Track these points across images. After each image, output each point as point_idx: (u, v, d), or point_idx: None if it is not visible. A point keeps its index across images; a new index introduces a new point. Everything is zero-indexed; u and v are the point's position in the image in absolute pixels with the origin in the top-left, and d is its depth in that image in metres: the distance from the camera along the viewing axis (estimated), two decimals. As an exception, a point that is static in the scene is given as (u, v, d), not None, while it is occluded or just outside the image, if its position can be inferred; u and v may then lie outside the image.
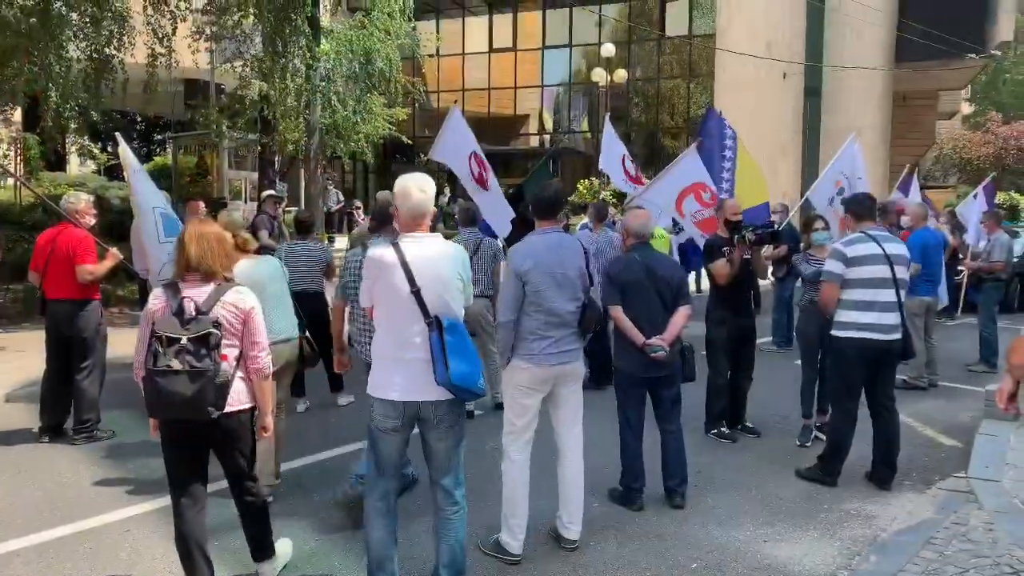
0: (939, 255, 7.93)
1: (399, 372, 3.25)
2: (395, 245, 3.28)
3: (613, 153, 10.11)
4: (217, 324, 3.23)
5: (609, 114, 12.37)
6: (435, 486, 3.44)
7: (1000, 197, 21.22)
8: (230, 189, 17.20)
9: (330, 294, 7.73)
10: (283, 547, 3.82)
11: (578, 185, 22.11)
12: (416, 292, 3.20)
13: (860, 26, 21.01)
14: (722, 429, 6.00)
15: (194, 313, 3.22)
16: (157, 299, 3.33)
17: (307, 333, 4.99)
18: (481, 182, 7.78)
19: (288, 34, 12.81)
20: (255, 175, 18.31)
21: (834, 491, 4.93)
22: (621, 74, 22.71)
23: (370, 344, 3.50)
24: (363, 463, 3.88)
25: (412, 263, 3.21)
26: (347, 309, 5.00)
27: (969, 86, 29.41)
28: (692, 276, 11.32)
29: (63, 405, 5.87)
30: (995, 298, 8.84)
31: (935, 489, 4.97)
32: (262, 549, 3.61)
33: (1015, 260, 9.22)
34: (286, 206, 16.05)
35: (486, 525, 4.23)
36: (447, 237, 3.66)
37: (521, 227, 7.18)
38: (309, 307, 6.61)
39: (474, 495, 4.68)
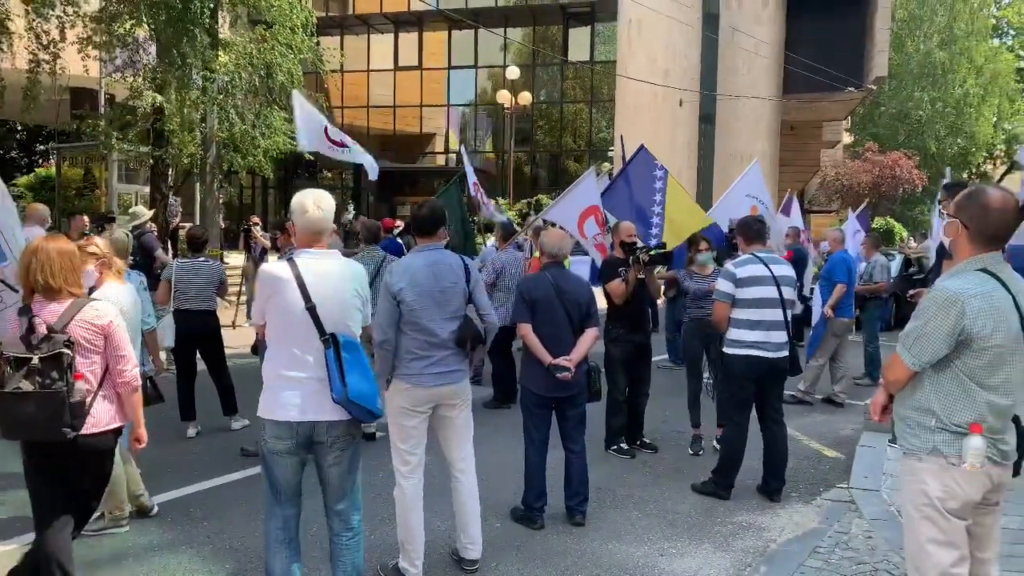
0: (855, 277, 8.36)
1: (292, 392, 3.14)
2: (291, 261, 3.20)
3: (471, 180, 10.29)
4: (70, 343, 3.11)
5: (463, 146, 12.63)
6: (330, 512, 3.34)
7: (878, 222, 22.64)
8: (119, 203, 16.42)
9: (222, 312, 7.46)
10: None
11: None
12: (311, 309, 3.12)
13: (751, 58, 22.09)
14: (621, 445, 6.11)
15: (45, 333, 3.10)
16: (10, 320, 3.22)
17: (150, 372, 4.63)
18: (341, 145, 7.87)
19: (184, 45, 12.39)
20: (147, 189, 17.55)
21: (727, 504, 5.10)
22: (526, 96, 23.06)
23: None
24: None
25: (308, 279, 3.14)
26: None
27: (849, 117, 31.35)
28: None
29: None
30: (877, 316, 9.40)
31: (820, 500, 5.21)
32: None
33: (891, 281, 9.82)
34: (180, 221, 15.44)
35: (386, 547, 4.16)
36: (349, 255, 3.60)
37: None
38: (203, 326, 6.39)
39: (376, 518, 4.61)
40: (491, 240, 9.29)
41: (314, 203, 3.23)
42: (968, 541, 2.64)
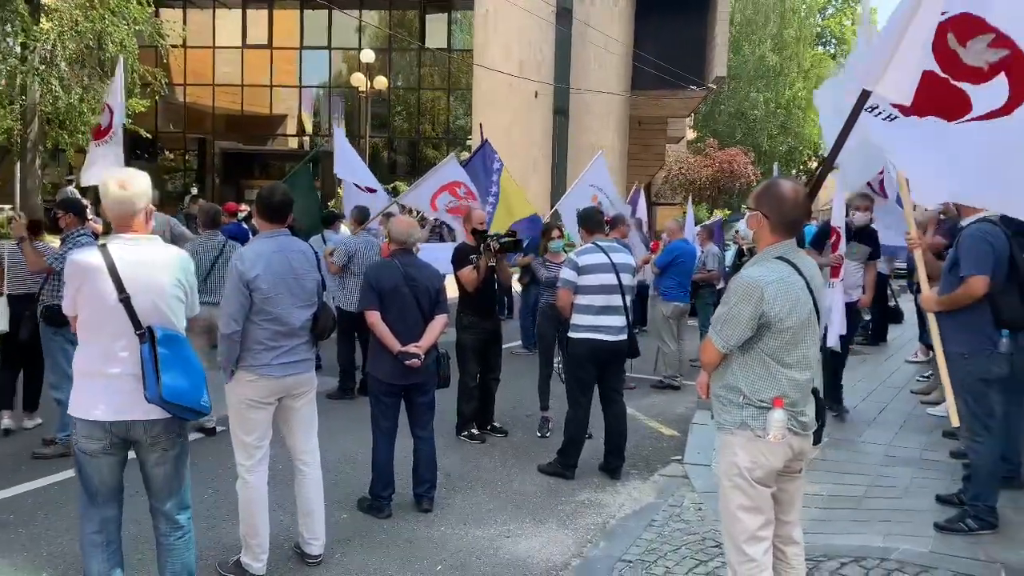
0: (692, 265, 8.80)
1: (105, 389, 2.96)
2: (102, 248, 2.98)
3: (346, 159, 9.79)
4: None
5: (339, 122, 12.21)
6: (155, 512, 3.18)
7: (717, 214, 24.13)
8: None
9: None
10: None
11: (339, 189, 21.71)
12: (125, 300, 2.93)
13: (602, 54, 22.80)
14: (472, 431, 6.19)
15: None
16: None
17: None
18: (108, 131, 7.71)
19: (-3, 8, 11.27)
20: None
21: (571, 483, 5.29)
22: (382, 81, 22.72)
23: None
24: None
25: (121, 268, 2.94)
26: None
27: (692, 115, 33.11)
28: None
29: None
30: (710, 301, 10.00)
31: (657, 476, 5.50)
32: None
33: (725, 270, 10.47)
34: (-3, 203, 14.11)
35: (225, 545, 4.02)
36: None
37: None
38: (29, 311, 5.85)
39: (214, 516, 4.44)
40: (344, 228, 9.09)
41: (117, 183, 3.01)
42: (774, 506, 2.90)
